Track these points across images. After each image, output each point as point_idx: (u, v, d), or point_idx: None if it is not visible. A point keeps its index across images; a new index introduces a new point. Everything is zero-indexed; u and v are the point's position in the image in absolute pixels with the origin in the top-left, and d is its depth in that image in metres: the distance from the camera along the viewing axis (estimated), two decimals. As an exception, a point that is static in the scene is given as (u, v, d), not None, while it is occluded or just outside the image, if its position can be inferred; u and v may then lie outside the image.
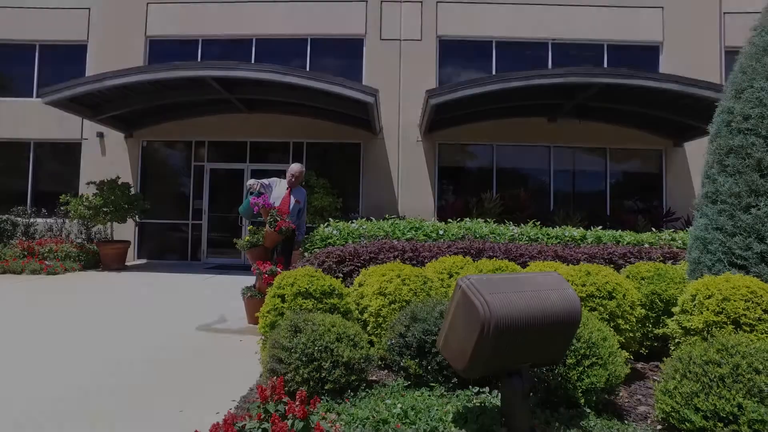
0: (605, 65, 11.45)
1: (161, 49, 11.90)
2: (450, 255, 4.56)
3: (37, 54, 12.09)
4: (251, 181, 5.53)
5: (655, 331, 3.59)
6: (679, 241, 5.97)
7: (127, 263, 10.36)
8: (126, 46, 11.70)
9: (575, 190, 11.65)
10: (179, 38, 11.90)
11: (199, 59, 11.70)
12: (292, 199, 5.62)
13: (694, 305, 3.05)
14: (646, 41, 11.53)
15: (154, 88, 9.92)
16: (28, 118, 11.76)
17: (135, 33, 11.80)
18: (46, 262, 9.05)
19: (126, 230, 11.06)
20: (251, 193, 5.44)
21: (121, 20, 11.79)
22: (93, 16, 11.95)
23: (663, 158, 11.40)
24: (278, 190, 5.66)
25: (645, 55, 11.57)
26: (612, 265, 4.78)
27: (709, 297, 2.97)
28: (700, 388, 2.24)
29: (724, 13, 11.43)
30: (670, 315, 3.57)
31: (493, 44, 11.65)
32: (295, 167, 5.70)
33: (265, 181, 5.68)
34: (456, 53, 11.72)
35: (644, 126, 11.01)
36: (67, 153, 11.94)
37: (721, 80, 10.97)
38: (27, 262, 8.95)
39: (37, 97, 10.29)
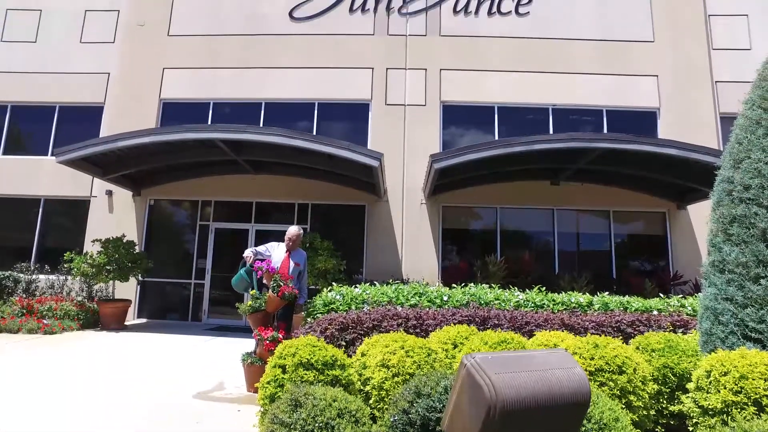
0: (605, 129, 11.73)
1: (174, 111, 12.31)
2: (454, 323, 4.47)
3: (56, 114, 12.56)
4: (247, 252, 5.50)
5: (670, 408, 3.44)
6: (689, 308, 5.81)
7: (126, 323, 10.18)
8: (140, 107, 12.15)
9: (580, 251, 11.59)
10: (191, 101, 12.35)
11: (209, 121, 12.06)
12: (292, 263, 5.60)
13: (710, 382, 2.94)
14: (643, 107, 11.86)
15: (164, 148, 10.19)
16: (42, 175, 12.03)
17: (150, 96, 12.28)
18: (44, 321, 8.91)
19: (128, 288, 10.97)
20: (247, 264, 5.38)
21: (137, 84, 12.31)
22: (111, 80, 12.51)
23: (667, 220, 11.39)
24: (277, 254, 5.65)
25: (643, 120, 11.85)
26: (620, 334, 4.66)
27: (725, 374, 2.87)
28: (723, 478, 2.11)
29: (716, 81, 11.84)
30: (685, 390, 3.43)
31: (495, 109, 12.02)
32: (292, 230, 5.71)
33: (261, 248, 5.67)
34: (459, 117, 12.07)
35: (646, 188, 11.10)
36: (76, 210, 12.08)
37: (718, 144, 11.18)
38: (24, 321, 8.82)
39: (52, 155, 10.55)
